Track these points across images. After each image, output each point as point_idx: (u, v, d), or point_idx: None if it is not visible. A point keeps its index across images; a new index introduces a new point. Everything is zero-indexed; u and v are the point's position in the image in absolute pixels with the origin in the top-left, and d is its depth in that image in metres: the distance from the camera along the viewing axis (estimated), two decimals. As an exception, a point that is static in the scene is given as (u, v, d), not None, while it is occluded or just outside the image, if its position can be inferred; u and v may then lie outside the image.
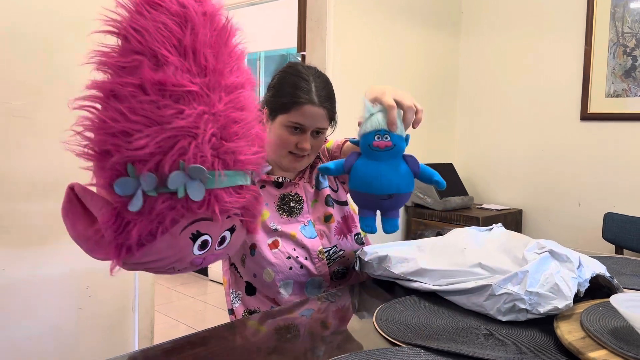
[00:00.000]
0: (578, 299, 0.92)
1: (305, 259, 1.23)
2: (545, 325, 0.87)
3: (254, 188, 0.82)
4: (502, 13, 3.09)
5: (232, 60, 0.79)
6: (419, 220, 2.96)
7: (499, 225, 1.24)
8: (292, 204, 1.28)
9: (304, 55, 2.61)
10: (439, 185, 0.99)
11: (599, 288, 0.99)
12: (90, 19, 0.77)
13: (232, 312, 1.29)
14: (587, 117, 2.78)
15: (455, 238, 1.19)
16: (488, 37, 3.16)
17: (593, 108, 2.76)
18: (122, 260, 0.72)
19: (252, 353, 0.85)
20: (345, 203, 1.36)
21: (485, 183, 3.23)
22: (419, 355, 0.76)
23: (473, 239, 1.17)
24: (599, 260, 1.05)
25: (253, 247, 1.21)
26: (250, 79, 0.83)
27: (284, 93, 1.20)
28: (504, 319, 0.90)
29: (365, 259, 1.19)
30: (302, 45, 2.62)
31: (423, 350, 0.78)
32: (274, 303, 1.24)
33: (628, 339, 0.75)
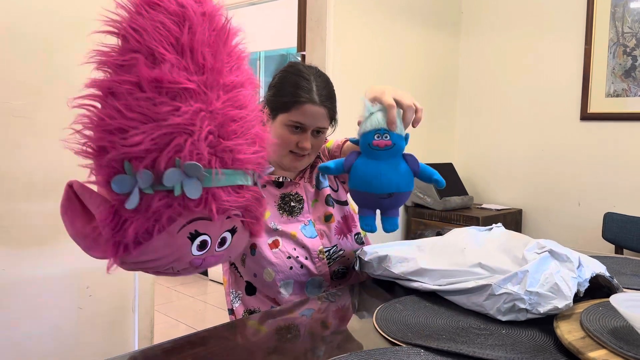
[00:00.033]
0: (578, 299, 0.92)
1: (306, 259, 1.23)
2: (545, 325, 0.87)
3: (255, 189, 0.81)
4: (502, 13, 3.09)
5: (231, 60, 0.78)
6: (419, 220, 2.96)
7: (499, 225, 1.24)
8: (292, 204, 1.28)
9: (304, 55, 2.61)
10: (439, 184, 1.00)
11: (599, 288, 0.99)
12: (90, 19, 0.77)
13: (232, 312, 1.29)
14: (587, 117, 2.78)
15: (455, 238, 1.19)
16: (488, 37, 3.15)
17: (593, 108, 2.76)
18: (119, 259, 0.72)
19: (252, 353, 0.85)
20: (346, 203, 1.36)
21: (485, 183, 3.23)
22: (419, 355, 0.76)
23: (473, 239, 1.17)
24: (599, 260, 1.05)
25: (253, 246, 1.21)
26: (252, 79, 0.82)
27: (285, 92, 1.20)
28: (504, 319, 0.90)
29: (365, 259, 1.19)
30: (302, 45, 2.62)
31: (423, 350, 0.78)
32: (274, 303, 1.24)
33: (628, 339, 0.75)
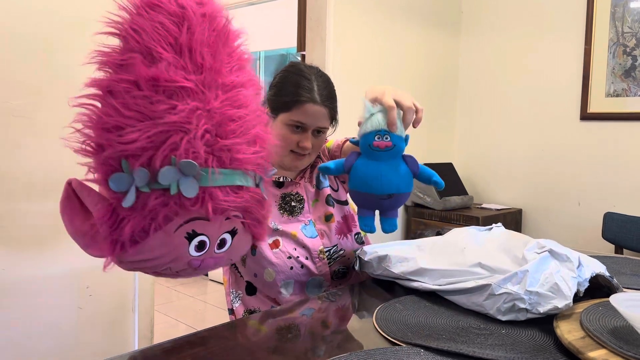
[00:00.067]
0: (578, 299, 0.92)
1: (306, 259, 1.23)
2: (545, 325, 0.87)
3: (256, 190, 0.80)
4: (502, 13, 3.09)
5: (232, 60, 0.78)
6: (419, 220, 2.96)
7: (499, 225, 1.24)
8: (293, 204, 1.28)
9: (304, 55, 2.60)
10: (438, 186, 1.02)
11: (599, 288, 0.99)
12: (90, 19, 0.77)
13: (232, 311, 1.29)
14: (587, 116, 2.78)
15: (455, 238, 1.19)
16: (488, 37, 3.16)
17: (593, 108, 2.76)
18: (116, 257, 0.72)
19: (251, 353, 0.85)
20: (346, 202, 1.36)
21: (485, 183, 3.23)
22: (419, 355, 0.76)
23: (473, 239, 1.17)
24: (599, 260, 1.05)
25: (254, 246, 1.21)
26: (253, 81, 0.82)
27: (286, 92, 1.20)
28: (504, 319, 0.90)
29: (365, 259, 1.19)
30: (301, 45, 2.62)
31: (423, 350, 0.78)
32: (275, 303, 1.24)
33: (628, 339, 0.75)
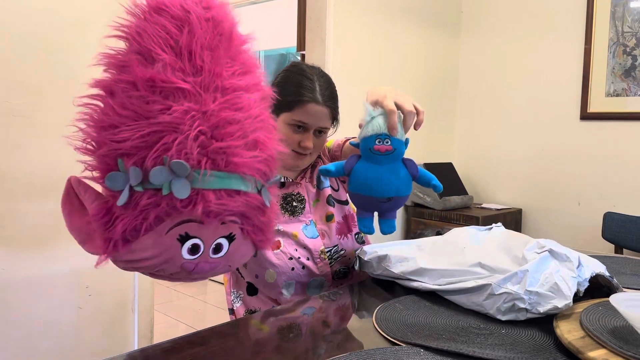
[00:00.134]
0: (578, 299, 0.92)
1: (307, 259, 1.23)
2: (545, 325, 0.87)
3: (256, 197, 0.78)
4: (502, 13, 3.09)
5: (235, 64, 0.78)
6: (419, 220, 2.96)
7: (499, 225, 1.25)
8: (294, 204, 1.28)
9: (304, 55, 2.60)
10: (436, 189, 1.04)
11: (599, 287, 0.99)
12: (90, 19, 0.78)
13: (232, 311, 1.29)
14: (587, 116, 2.78)
15: (455, 237, 1.19)
16: (488, 37, 3.16)
17: (593, 107, 2.76)
18: (109, 256, 0.72)
19: (251, 352, 0.85)
20: (346, 202, 1.36)
21: (485, 182, 3.23)
22: (419, 355, 0.76)
23: (473, 239, 1.17)
24: (599, 260, 1.05)
25: (253, 247, 1.21)
26: (260, 85, 0.81)
27: (288, 91, 1.20)
28: (504, 319, 0.90)
29: (365, 259, 1.19)
30: (301, 45, 2.62)
31: (423, 350, 0.78)
32: (276, 303, 1.24)
33: (628, 339, 0.75)
